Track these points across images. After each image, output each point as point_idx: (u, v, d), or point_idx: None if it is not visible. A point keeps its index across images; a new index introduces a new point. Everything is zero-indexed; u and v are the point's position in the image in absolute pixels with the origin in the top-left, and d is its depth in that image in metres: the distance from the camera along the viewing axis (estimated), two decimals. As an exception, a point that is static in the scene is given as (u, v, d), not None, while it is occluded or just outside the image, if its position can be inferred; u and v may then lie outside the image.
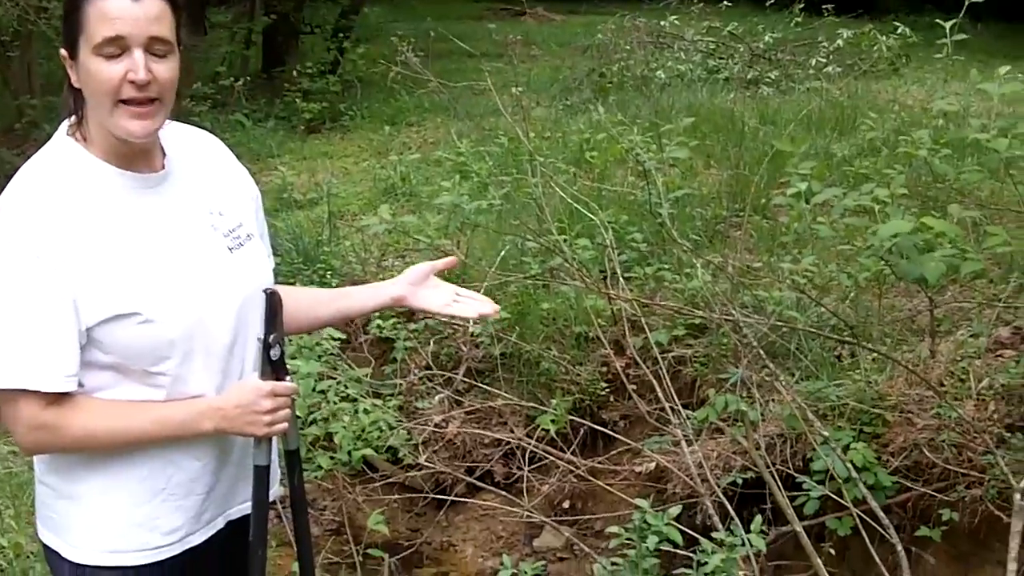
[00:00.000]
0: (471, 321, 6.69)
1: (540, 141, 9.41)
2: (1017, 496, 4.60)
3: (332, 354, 6.09)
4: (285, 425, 2.62)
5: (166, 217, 2.56)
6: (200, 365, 2.57)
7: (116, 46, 2.37)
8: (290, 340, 5.71)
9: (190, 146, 2.68)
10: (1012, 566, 4.43)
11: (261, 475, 2.66)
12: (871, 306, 6.22)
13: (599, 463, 6.20)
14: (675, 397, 5.56)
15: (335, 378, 5.76)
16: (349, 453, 5.22)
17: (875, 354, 5.74)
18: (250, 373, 2.64)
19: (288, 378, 2.65)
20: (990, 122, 4.65)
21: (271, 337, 2.59)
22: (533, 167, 6.47)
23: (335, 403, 5.54)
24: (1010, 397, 5.37)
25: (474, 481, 6.27)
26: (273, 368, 2.60)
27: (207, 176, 2.71)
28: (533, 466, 6.33)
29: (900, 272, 4.06)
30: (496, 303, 6.43)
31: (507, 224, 7.67)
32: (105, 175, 2.49)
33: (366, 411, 5.68)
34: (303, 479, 2.84)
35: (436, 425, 6.47)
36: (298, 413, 5.19)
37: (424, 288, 2.93)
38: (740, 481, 5.44)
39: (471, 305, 2.97)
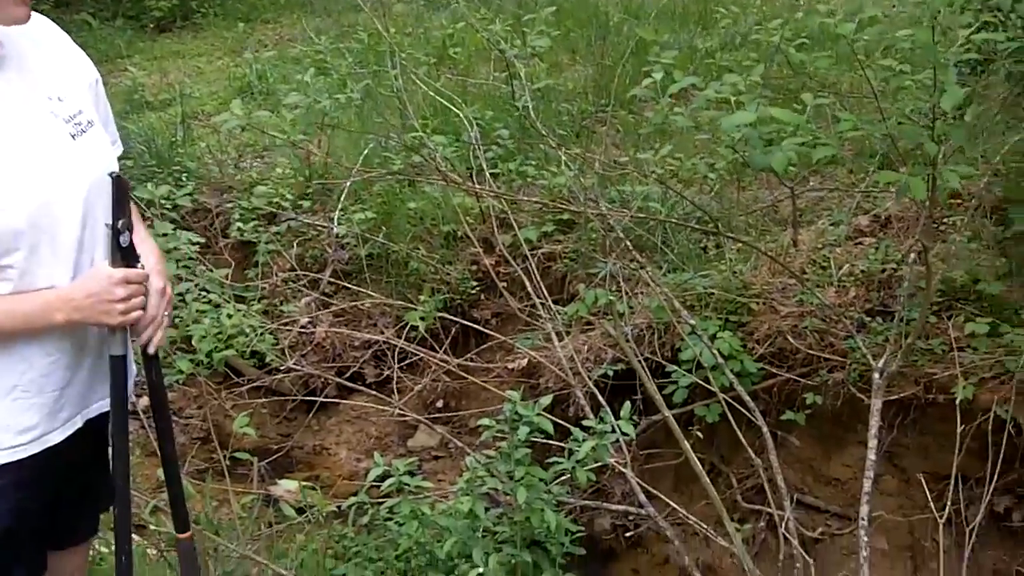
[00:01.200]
0: (335, 220, 6.58)
1: (402, 37, 9.20)
2: (876, 376, 4.72)
3: (191, 258, 5.90)
4: (140, 313, 2.53)
5: (4, 104, 2.42)
6: (48, 257, 2.45)
7: None
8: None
9: (24, 29, 2.52)
10: (872, 443, 4.55)
11: (117, 365, 2.56)
12: (735, 198, 6.28)
13: (471, 361, 6.20)
14: (545, 293, 5.56)
15: (193, 280, 5.58)
16: (210, 355, 5.08)
17: (739, 244, 5.80)
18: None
19: (139, 265, 2.55)
20: (837, 7, 4.67)
21: (120, 223, 2.46)
22: (394, 62, 6.31)
23: (195, 307, 5.37)
24: (870, 283, 5.50)
25: (345, 383, 6.21)
26: (123, 255, 2.48)
27: (43, 61, 2.57)
28: (404, 364, 6.30)
29: (751, 162, 4.06)
30: (361, 203, 6.33)
31: (370, 122, 7.51)
32: None
33: (228, 315, 5.53)
34: (160, 369, 2.75)
35: (303, 327, 6.36)
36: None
37: None
38: (611, 373, 5.50)
39: None
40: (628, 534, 5.68)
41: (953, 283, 5.29)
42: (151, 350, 2.62)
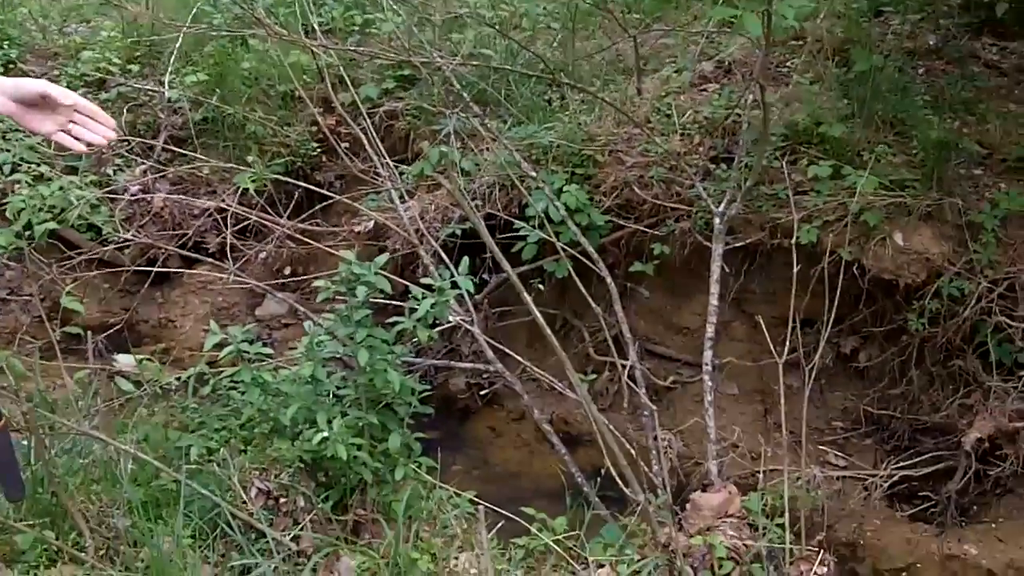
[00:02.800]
0: (166, 84, 6.30)
1: None
2: (716, 221, 4.71)
3: (15, 130, 5.58)
4: None
5: None
6: None
7: None
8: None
9: None
10: (714, 288, 4.57)
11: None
12: (579, 48, 6.15)
13: (317, 225, 6.04)
14: (384, 152, 5.42)
15: (10, 151, 5.28)
16: (29, 227, 4.82)
17: (583, 95, 5.70)
18: None
19: None
20: None
21: None
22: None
23: (24, 178, 5.08)
24: (714, 129, 5.46)
25: (186, 253, 6.02)
26: None
27: None
28: (250, 232, 6.15)
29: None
30: (193, 65, 6.04)
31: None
32: None
33: (61, 188, 5.25)
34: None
35: (134, 196, 6.11)
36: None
37: (35, 112, 2.43)
38: (459, 232, 5.40)
39: (86, 132, 2.45)
40: (483, 392, 5.67)
41: (796, 127, 5.28)
42: None
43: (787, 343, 4.41)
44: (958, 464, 4.76)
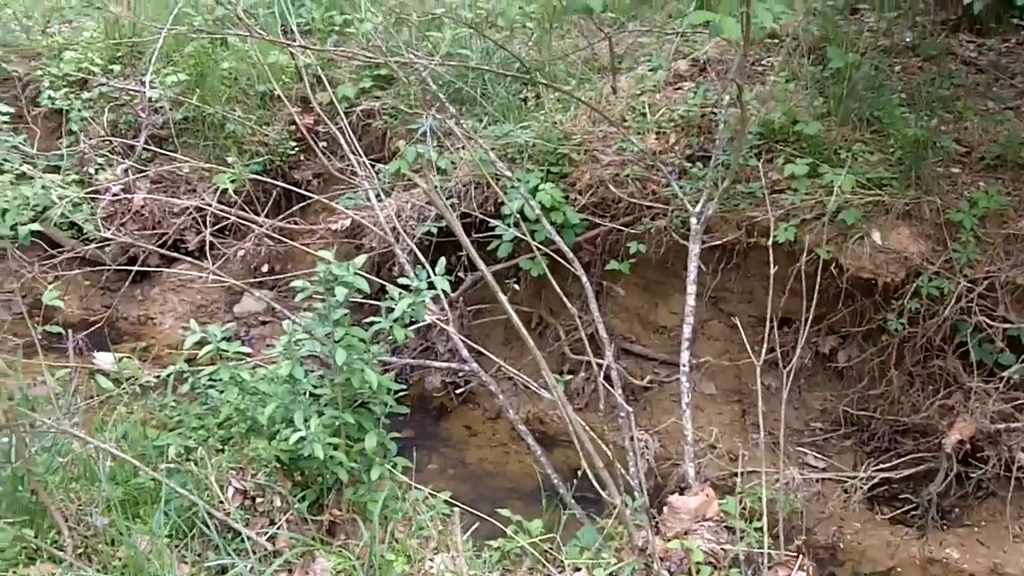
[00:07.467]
0: (147, 84, 6.32)
1: None
2: (693, 221, 4.73)
3: (-1, 130, 5.60)
4: None
5: None
6: None
7: None
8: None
9: None
10: (691, 288, 4.58)
11: None
12: (555, 47, 6.17)
13: (295, 223, 6.06)
14: (359, 151, 5.44)
15: (-7, 152, 5.29)
16: (14, 228, 4.81)
17: (559, 93, 5.72)
18: None
19: None
20: None
21: None
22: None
23: (4, 179, 5.07)
24: (689, 128, 5.48)
25: (167, 252, 6.03)
26: None
27: None
28: (229, 230, 6.19)
29: (568, 6, 3.96)
30: (173, 65, 6.01)
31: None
32: None
33: (44, 187, 5.24)
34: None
35: (115, 196, 6.15)
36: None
37: None
38: (435, 230, 5.42)
39: None
40: (459, 391, 5.69)
41: (772, 125, 5.29)
42: None
43: (764, 343, 4.40)
44: (939, 466, 4.75)
